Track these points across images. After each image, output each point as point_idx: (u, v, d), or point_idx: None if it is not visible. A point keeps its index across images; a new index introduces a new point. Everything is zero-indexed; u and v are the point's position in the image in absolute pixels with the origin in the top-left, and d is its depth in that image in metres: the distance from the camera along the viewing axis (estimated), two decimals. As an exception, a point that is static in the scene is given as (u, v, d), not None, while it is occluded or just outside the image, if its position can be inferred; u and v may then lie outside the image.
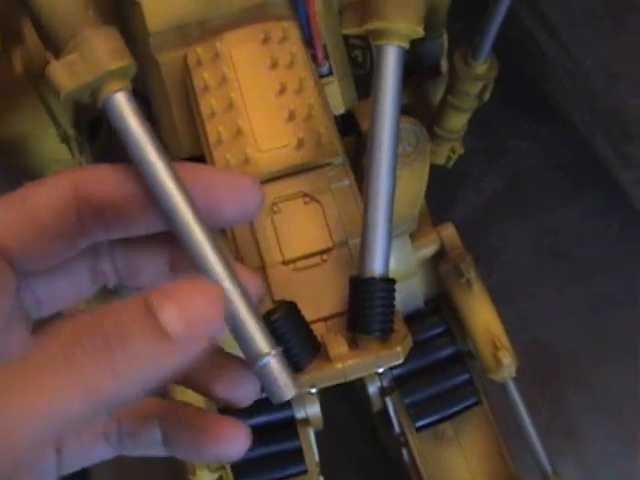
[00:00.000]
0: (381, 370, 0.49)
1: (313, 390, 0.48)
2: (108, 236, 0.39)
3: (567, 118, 1.02)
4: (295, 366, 0.47)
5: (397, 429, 0.74)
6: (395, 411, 0.73)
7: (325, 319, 0.51)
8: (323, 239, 0.52)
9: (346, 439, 0.98)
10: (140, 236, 0.40)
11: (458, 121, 0.75)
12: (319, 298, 0.51)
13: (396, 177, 0.50)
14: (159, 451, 0.41)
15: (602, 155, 1.00)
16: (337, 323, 0.51)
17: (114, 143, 0.79)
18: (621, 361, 0.98)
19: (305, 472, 0.72)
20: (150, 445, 0.41)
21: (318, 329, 0.49)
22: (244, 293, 0.40)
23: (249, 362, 0.41)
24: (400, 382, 0.73)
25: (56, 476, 0.38)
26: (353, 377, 0.48)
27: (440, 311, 0.75)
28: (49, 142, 0.72)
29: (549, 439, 0.74)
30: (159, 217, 0.39)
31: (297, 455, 0.72)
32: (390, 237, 0.49)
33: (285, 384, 0.41)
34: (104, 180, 0.38)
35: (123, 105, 0.42)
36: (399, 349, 0.48)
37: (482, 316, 0.70)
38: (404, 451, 0.75)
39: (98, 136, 0.78)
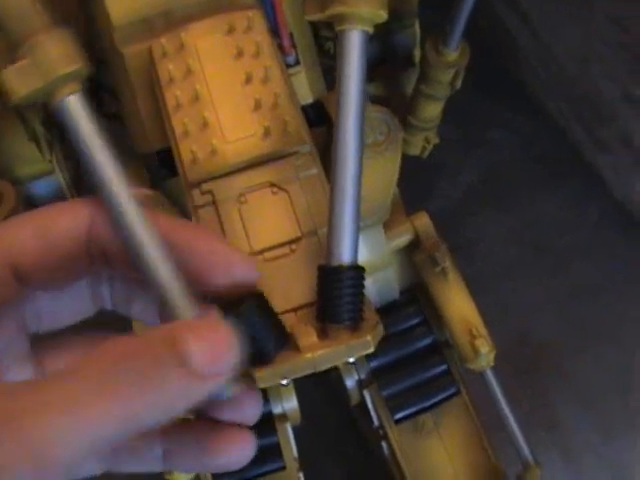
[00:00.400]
0: (352, 360, 0.48)
1: (284, 382, 0.47)
2: (109, 271, 0.41)
3: (542, 106, 1.02)
4: (264, 357, 0.46)
5: (376, 422, 0.73)
6: (373, 404, 0.73)
7: (295, 310, 0.50)
8: (291, 229, 0.52)
9: (324, 431, 0.98)
10: None
11: (432, 110, 0.74)
12: (288, 288, 0.51)
13: (362, 163, 0.49)
14: (156, 466, 0.41)
15: (578, 141, 0.99)
16: (307, 313, 0.50)
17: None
18: (601, 350, 0.98)
19: (283, 468, 0.72)
20: (147, 460, 0.41)
21: (288, 320, 0.49)
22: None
23: None
24: (378, 374, 0.73)
25: None
26: (323, 367, 0.47)
27: (416, 301, 0.74)
28: (17, 140, 0.71)
29: (531, 432, 0.73)
30: None
31: (275, 451, 0.72)
32: (358, 224, 0.48)
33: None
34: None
35: (75, 109, 0.41)
36: (369, 338, 0.47)
37: (458, 305, 0.69)
38: (384, 444, 0.74)
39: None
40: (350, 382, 0.73)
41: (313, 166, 0.53)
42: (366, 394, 0.73)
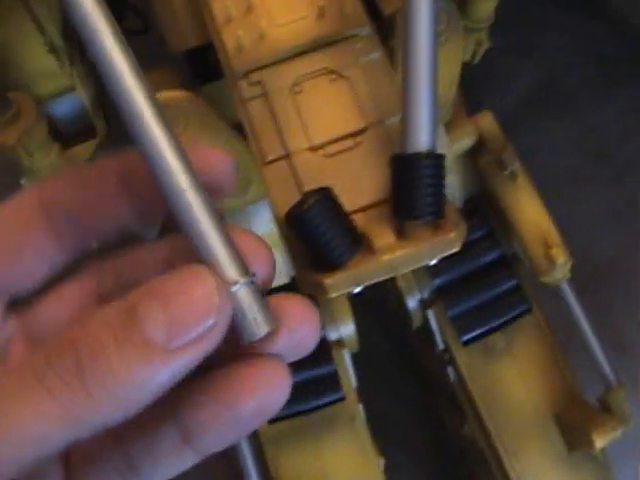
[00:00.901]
0: (433, 262, 0.42)
1: (357, 290, 0.42)
2: (86, 242, 0.35)
3: (598, 5, 0.95)
4: (335, 262, 0.41)
5: (441, 345, 0.68)
6: (438, 325, 0.67)
7: (364, 209, 0.45)
8: (355, 119, 0.46)
9: (381, 366, 0.92)
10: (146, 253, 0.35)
11: (484, 7, 0.68)
12: (355, 186, 0.45)
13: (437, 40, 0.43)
14: (185, 458, 0.32)
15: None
16: (379, 212, 0.44)
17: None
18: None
19: (342, 399, 0.66)
20: (171, 454, 0.32)
21: (357, 221, 0.43)
22: (209, 207, 0.31)
23: None
24: (442, 293, 0.67)
25: None
26: (403, 270, 0.42)
27: (480, 212, 0.68)
28: (36, 53, 0.67)
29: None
30: (131, 212, 0.34)
31: (333, 380, 0.66)
32: (436, 108, 0.43)
33: (255, 319, 0.30)
34: (66, 186, 0.34)
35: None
36: (454, 234, 0.42)
37: (530, 211, 0.63)
38: (450, 370, 0.69)
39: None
40: (412, 303, 0.67)
41: (375, 50, 0.47)
42: (430, 315, 0.67)
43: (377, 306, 0.87)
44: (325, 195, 0.41)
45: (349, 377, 0.67)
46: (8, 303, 0.34)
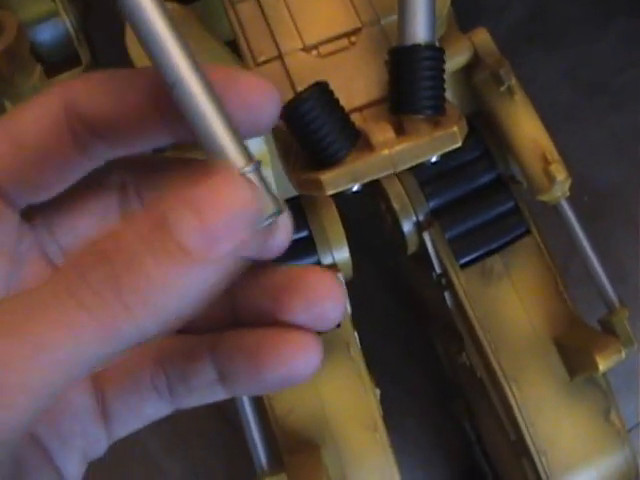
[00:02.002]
0: (434, 159, 0.41)
1: (355, 187, 0.41)
2: (112, 154, 0.33)
3: None
4: (332, 157, 0.40)
5: (438, 269, 0.66)
6: (435, 248, 0.65)
7: (360, 109, 0.44)
8: (349, 18, 0.45)
9: (374, 300, 0.92)
10: (166, 170, 0.35)
11: None
12: (351, 86, 0.44)
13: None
14: (217, 393, 0.34)
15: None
16: (376, 111, 0.44)
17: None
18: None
19: (338, 325, 0.65)
20: (206, 388, 0.34)
21: (354, 120, 0.42)
22: (212, 94, 0.29)
23: None
24: (438, 214, 0.65)
25: (108, 443, 0.34)
26: (403, 167, 0.40)
27: (476, 132, 0.66)
28: None
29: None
30: (162, 128, 0.32)
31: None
32: (434, 3, 0.41)
33: (268, 200, 0.29)
34: (95, 92, 0.32)
35: None
36: (455, 129, 0.40)
37: (528, 127, 0.61)
38: (447, 295, 0.67)
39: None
40: (408, 226, 0.66)
41: None
42: (426, 238, 0.65)
43: (370, 238, 0.86)
44: (321, 89, 0.39)
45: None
46: (23, 215, 0.33)
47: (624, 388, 0.73)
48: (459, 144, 0.40)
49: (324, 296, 0.31)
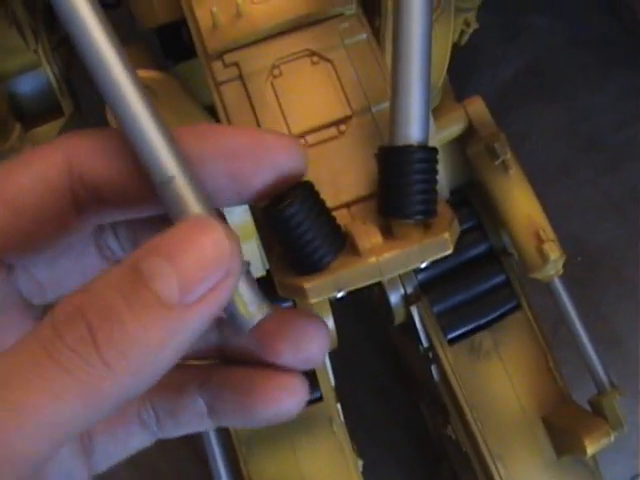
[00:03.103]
0: (424, 265, 0.39)
1: (340, 294, 0.39)
2: (107, 218, 0.33)
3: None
4: (316, 265, 0.38)
5: (425, 343, 0.65)
6: (422, 322, 0.64)
7: (348, 205, 0.42)
8: (339, 106, 0.43)
9: (361, 363, 0.90)
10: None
11: (475, -15, 0.65)
12: (339, 179, 0.42)
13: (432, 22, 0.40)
14: (204, 425, 0.35)
15: (636, 24, 0.89)
16: (364, 209, 0.42)
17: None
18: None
19: (320, 399, 0.64)
20: (193, 420, 0.35)
21: (340, 218, 0.40)
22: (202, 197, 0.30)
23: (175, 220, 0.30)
24: (427, 288, 0.64)
25: (88, 476, 0.34)
26: (390, 275, 0.38)
27: (469, 203, 0.65)
28: None
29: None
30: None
31: (310, 379, 0.63)
32: (429, 96, 0.40)
33: (252, 306, 0.32)
34: (102, 152, 0.32)
35: None
36: (447, 236, 0.38)
37: (522, 203, 0.60)
38: (433, 368, 0.66)
39: (57, 22, 0.69)
40: (395, 298, 0.64)
41: (361, 30, 0.44)
42: (414, 311, 0.64)
43: (359, 302, 0.85)
44: (306, 190, 0.37)
45: (327, 376, 0.64)
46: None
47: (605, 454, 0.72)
48: (450, 251, 0.38)
49: (311, 341, 0.33)
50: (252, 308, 0.32)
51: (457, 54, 0.68)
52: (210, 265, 0.26)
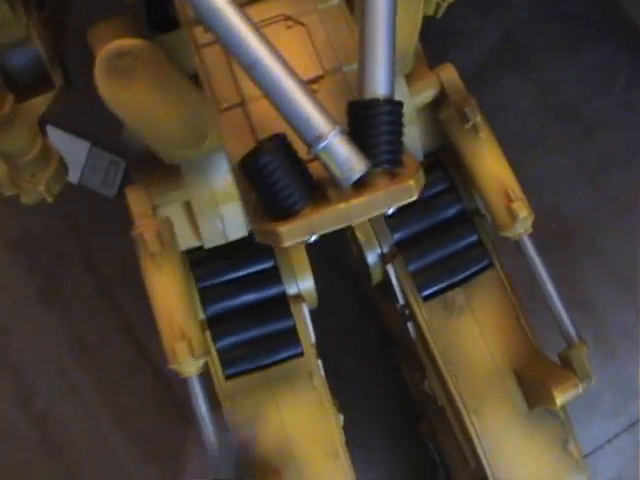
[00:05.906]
0: (390, 211, 0.42)
1: (312, 239, 0.41)
2: None
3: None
4: (289, 210, 0.40)
5: (401, 300, 0.67)
6: (398, 280, 0.66)
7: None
8: (312, 66, 0.46)
9: (342, 320, 0.93)
10: None
11: (450, -41, 0.66)
12: None
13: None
14: None
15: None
16: None
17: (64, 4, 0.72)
18: (636, 224, 0.91)
19: (301, 354, 0.66)
20: None
21: (312, 169, 0.42)
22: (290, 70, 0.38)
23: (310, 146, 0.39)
24: (402, 247, 0.66)
25: None
26: (359, 219, 0.41)
27: (442, 166, 0.67)
28: None
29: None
30: None
31: (291, 335, 0.66)
32: (394, 54, 0.42)
33: (356, 159, 0.39)
34: None
35: None
36: (412, 182, 0.41)
37: (492, 165, 0.62)
38: (409, 326, 0.68)
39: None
40: (372, 257, 0.67)
41: None
42: (390, 270, 0.66)
43: (339, 263, 0.87)
44: (279, 142, 0.40)
45: (308, 332, 0.66)
46: None
47: (581, 415, 0.74)
48: (415, 198, 0.41)
49: None
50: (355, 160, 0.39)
51: (433, 27, 0.70)
52: None
